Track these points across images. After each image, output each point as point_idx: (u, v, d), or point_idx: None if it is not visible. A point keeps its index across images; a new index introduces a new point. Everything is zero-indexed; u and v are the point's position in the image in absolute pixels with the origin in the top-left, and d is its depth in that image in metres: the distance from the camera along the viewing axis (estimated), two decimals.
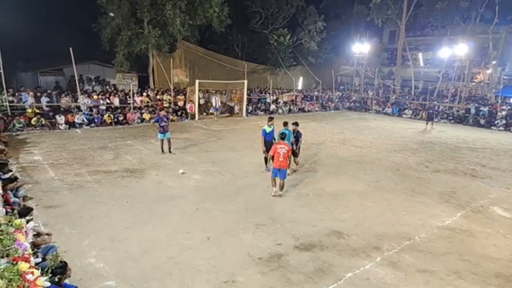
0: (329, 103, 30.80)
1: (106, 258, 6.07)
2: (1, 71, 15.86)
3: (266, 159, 11.49)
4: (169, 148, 13.13)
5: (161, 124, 12.72)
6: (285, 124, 10.75)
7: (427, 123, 21.71)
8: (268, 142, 11.01)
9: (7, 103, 16.46)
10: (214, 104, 22.49)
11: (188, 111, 21.83)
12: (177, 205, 8.50)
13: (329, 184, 10.37)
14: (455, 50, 26.97)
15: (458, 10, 26.06)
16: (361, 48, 31.26)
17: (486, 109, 24.06)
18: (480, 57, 29.02)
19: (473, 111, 24.45)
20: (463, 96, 26.58)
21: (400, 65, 30.66)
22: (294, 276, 5.76)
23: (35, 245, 5.58)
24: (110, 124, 18.59)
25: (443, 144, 16.90)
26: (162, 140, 13.01)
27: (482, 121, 23.30)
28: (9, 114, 16.45)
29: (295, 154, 11.29)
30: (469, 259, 6.47)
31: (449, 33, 28.03)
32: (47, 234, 6.53)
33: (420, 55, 32.47)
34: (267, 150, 11.31)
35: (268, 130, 11.13)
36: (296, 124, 11.26)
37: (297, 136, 11.20)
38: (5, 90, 16.54)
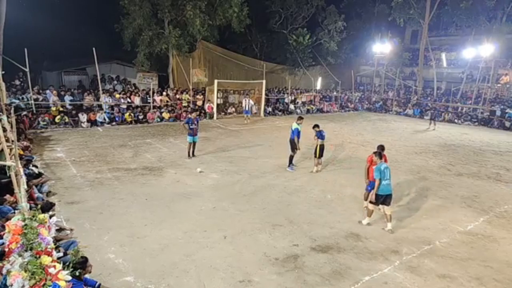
0: (348, 103, 30.47)
1: (125, 254, 6.18)
2: (27, 70, 16.33)
3: (292, 158, 11.52)
4: (193, 151, 12.80)
5: (191, 127, 12.35)
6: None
7: (430, 123, 21.98)
8: (292, 139, 11.32)
9: (32, 101, 16.95)
10: (244, 107, 21.36)
11: (207, 110, 21.99)
12: (195, 203, 8.58)
13: (348, 186, 10.26)
14: (480, 51, 26.24)
15: (484, 9, 25.34)
16: (382, 48, 30.78)
17: None
18: (506, 58, 28.15)
19: (498, 113, 23.74)
20: (488, 98, 25.85)
21: (422, 65, 30.03)
22: (310, 277, 5.73)
23: (57, 240, 5.74)
24: (131, 122, 18.90)
25: (466, 147, 16.48)
26: (190, 144, 12.57)
27: (507, 124, 22.60)
28: (34, 112, 16.93)
29: (319, 155, 11.30)
30: (492, 266, 6.29)
31: (474, 33, 27.27)
32: (70, 230, 6.71)
33: (443, 56, 31.76)
34: (292, 148, 11.38)
35: (299, 128, 11.32)
36: (317, 126, 11.18)
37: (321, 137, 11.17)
38: (30, 89, 17.04)
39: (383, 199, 7.34)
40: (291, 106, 26.59)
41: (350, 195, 9.53)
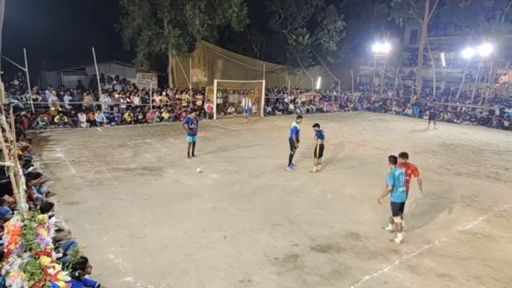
0: (348, 103, 30.49)
1: (124, 254, 6.17)
2: (26, 70, 16.31)
3: (292, 157, 11.53)
4: (193, 151, 12.79)
5: (191, 126, 12.35)
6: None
7: (429, 122, 21.98)
8: (291, 138, 11.39)
9: (31, 101, 16.93)
10: (244, 106, 21.62)
11: (206, 110, 21.98)
12: (194, 203, 8.58)
13: (347, 186, 10.27)
14: (478, 51, 26.25)
15: (482, 9, 25.33)
16: (381, 48, 30.76)
17: (511, 111, 23.33)
18: (505, 58, 28.17)
19: (497, 112, 23.75)
20: (487, 97, 25.88)
21: (421, 65, 30.03)
22: (310, 277, 5.73)
23: (56, 240, 5.72)
24: (130, 122, 18.89)
25: (465, 147, 16.49)
26: (190, 144, 12.56)
27: (506, 123, 22.62)
28: (33, 112, 16.90)
29: (319, 154, 11.33)
30: (491, 265, 6.30)
31: (473, 33, 27.27)
32: (68, 232, 6.70)
33: (442, 55, 31.75)
34: (291, 147, 11.40)
35: (298, 127, 11.38)
36: (317, 125, 11.22)
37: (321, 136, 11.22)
38: (29, 89, 17.01)
39: (402, 207, 7.00)
40: (291, 106, 26.59)
41: (350, 195, 9.53)
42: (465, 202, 9.33)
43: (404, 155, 7.36)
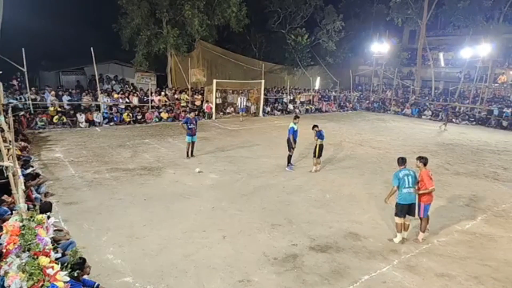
0: (347, 103, 30.51)
1: (123, 255, 6.16)
2: (25, 70, 16.28)
3: (290, 158, 11.53)
4: (192, 151, 12.74)
5: (190, 127, 12.31)
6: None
7: (445, 124, 21.97)
8: (288, 139, 11.34)
9: (30, 101, 16.91)
10: (239, 105, 21.99)
11: (205, 110, 21.97)
12: (194, 203, 8.57)
13: (347, 186, 10.28)
14: (477, 51, 26.32)
15: (481, 9, 25.42)
16: (380, 48, 30.83)
17: (509, 110, 23.36)
18: (504, 58, 28.24)
19: (495, 112, 23.78)
20: (486, 97, 25.93)
21: (420, 65, 30.09)
22: (309, 277, 5.73)
23: (55, 240, 5.71)
24: (129, 123, 18.86)
25: (464, 146, 16.51)
26: (189, 144, 12.51)
27: (505, 123, 22.64)
28: (32, 112, 16.87)
29: (318, 154, 11.33)
30: (490, 264, 6.30)
31: (471, 33, 27.34)
32: (66, 233, 6.69)
33: (441, 55, 31.85)
34: (289, 148, 11.40)
35: (296, 128, 11.32)
36: (316, 126, 11.24)
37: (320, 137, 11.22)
38: (28, 89, 16.99)
39: (408, 209, 6.80)
40: (290, 106, 26.61)
41: (349, 195, 9.54)
42: (464, 202, 9.34)
43: (419, 158, 7.03)
